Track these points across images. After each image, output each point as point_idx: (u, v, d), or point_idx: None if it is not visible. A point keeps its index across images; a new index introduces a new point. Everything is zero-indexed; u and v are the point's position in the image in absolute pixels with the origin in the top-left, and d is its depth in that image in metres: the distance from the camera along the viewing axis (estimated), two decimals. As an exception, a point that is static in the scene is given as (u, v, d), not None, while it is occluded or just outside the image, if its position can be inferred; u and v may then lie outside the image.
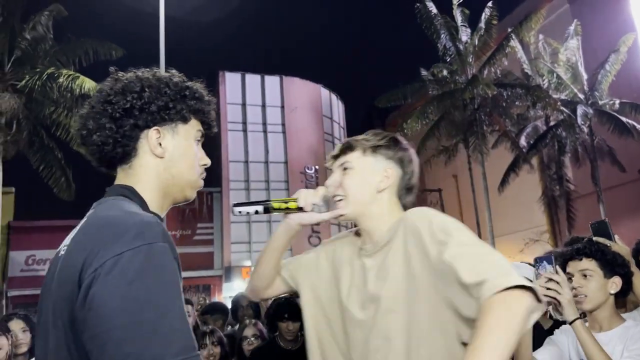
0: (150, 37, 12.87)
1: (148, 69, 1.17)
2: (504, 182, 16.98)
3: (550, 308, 1.88)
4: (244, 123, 23.30)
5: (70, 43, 15.07)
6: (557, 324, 2.28)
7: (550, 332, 2.11)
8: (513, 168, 16.88)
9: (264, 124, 23.62)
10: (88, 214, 1.06)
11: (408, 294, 1.26)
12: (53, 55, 14.74)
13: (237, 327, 4.15)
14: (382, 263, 1.34)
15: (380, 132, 1.46)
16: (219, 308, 4.21)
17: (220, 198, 21.96)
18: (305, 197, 1.39)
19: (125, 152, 1.09)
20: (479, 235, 17.57)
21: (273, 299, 3.36)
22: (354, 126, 27.76)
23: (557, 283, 1.75)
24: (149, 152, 1.10)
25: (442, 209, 25.24)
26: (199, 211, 21.72)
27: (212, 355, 2.96)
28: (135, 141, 1.09)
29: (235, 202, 1.40)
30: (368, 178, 1.41)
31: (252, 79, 24.10)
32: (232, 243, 21.43)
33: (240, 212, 1.39)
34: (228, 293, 19.37)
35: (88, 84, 13.41)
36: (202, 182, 1.23)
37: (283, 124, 23.88)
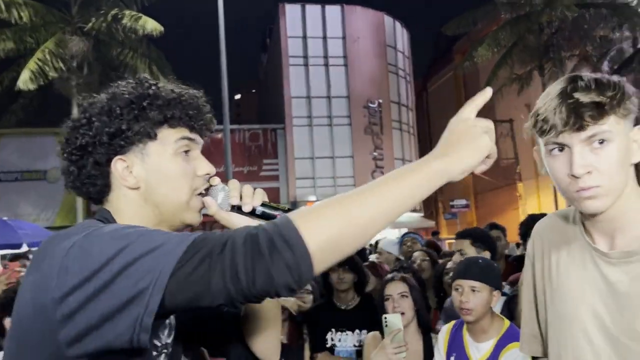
0: (207, -29, 12.59)
1: (111, 87, 1.01)
2: (582, 111, 15.84)
3: None
4: (305, 57, 22.88)
5: (131, -18, 15.12)
6: None
7: None
8: (593, 96, 15.65)
9: (326, 57, 23.08)
10: None
11: None
12: (116, -4, 14.87)
13: None
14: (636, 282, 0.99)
15: (616, 81, 1.00)
16: None
17: (284, 134, 22.12)
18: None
19: (98, 191, 0.98)
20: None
21: None
22: (420, 56, 26.68)
23: None
24: (122, 185, 0.97)
25: (513, 141, 24.18)
26: (264, 148, 22.06)
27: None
28: (104, 178, 0.97)
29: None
30: (624, 151, 1.00)
31: (313, 10, 23.38)
32: (297, 178, 21.75)
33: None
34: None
35: (150, 24, 13.52)
36: (199, 202, 1.01)
37: (345, 56, 23.24)
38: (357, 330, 2.88)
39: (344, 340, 2.92)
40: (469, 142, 0.84)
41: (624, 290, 1.01)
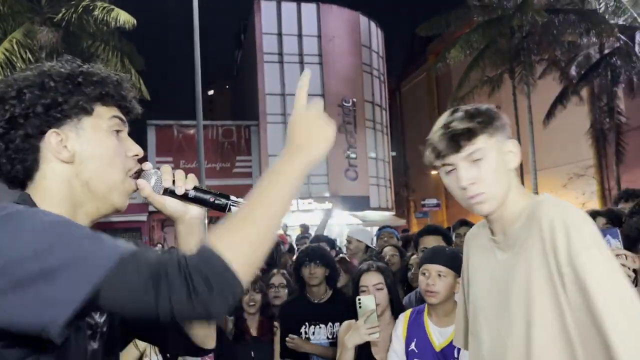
0: (182, -35, 12.43)
1: (35, 65, 0.99)
2: (549, 114, 16.27)
3: None
4: (280, 54, 22.85)
5: (104, -27, 14.81)
6: None
7: None
8: (561, 100, 16.10)
9: (301, 54, 23.10)
10: None
11: (526, 312, 1.18)
12: (87, -13, 14.54)
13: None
14: (513, 264, 1.23)
15: (481, 109, 1.27)
16: None
17: (257, 131, 22.04)
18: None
19: (25, 168, 0.94)
20: (521, 170, 17.23)
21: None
22: (394, 56, 26.93)
23: (626, 257, 1.77)
24: (54, 160, 0.94)
25: (483, 142, 24.64)
26: (237, 144, 21.94)
27: (253, 300, 3.05)
28: (34, 152, 0.94)
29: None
30: (501, 161, 1.24)
31: (288, 7, 23.37)
32: (270, 176, 21.74)
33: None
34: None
35: (123, 16, 13.31)
36: (132, 183, 1.02)
37: (320, 55, 23.31)
38: (329, 323, 2.93)
39: (317, 333, 2.96)
40: (319, 132, 0.97)
41: (507, 265, 1.25)
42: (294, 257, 4.70)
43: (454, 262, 2.17)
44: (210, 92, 53.34)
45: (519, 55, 16.03)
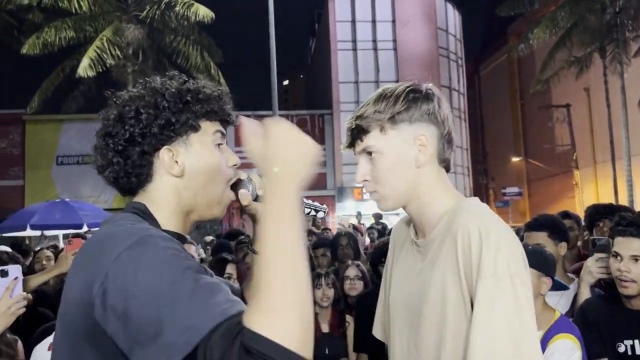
0: (257, -43, 12.61)
1: (144, 80, 1.06)
2: (646, 95, 15.01)
3: None
4: (354, 41, 22.69)
5: (183, -31, 15.36)
6: None
7: None
8: (659, 79, 14.79)
9: (374, 41, 22.80)
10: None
11: (439, 321, 1.08)
12: (169, -17, 15.17)
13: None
14: (428, 277, 1.12)
15: (389, 93, 1.14)
16: (326, 243, 4.27)
17: (331, 120, 22.11)
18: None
19: (140, 181, 1.03)
20: (613, 155, 16.05)
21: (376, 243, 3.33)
22: (472, 38, 25.87)
23: None
24: (166, 173, 1.02)
25: (570, 127, 23.20)
26: (311, 133, 22.10)
27: (326, 296, 3.06)
28: (148, 167, 1.02)
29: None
30: (401, 158, 1.13)
31: (362, -6, 23.10)
32: (344, 164, 21.76)
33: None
34: (341, 212, 20.04)
35: (202, 10, 13.78)
36: (230, 195, 1.10)
37: (394, 40, 22.87)
38: (405, 317, 2.89)
39: (392, 326, 2.93)
40: (299, 153, 0.90)
41: (424, 279, 1.12)
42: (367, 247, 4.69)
43: (537, 260, 1.88)
44: (285, 82, 54.17)
45: (611, 33, 14.87)
